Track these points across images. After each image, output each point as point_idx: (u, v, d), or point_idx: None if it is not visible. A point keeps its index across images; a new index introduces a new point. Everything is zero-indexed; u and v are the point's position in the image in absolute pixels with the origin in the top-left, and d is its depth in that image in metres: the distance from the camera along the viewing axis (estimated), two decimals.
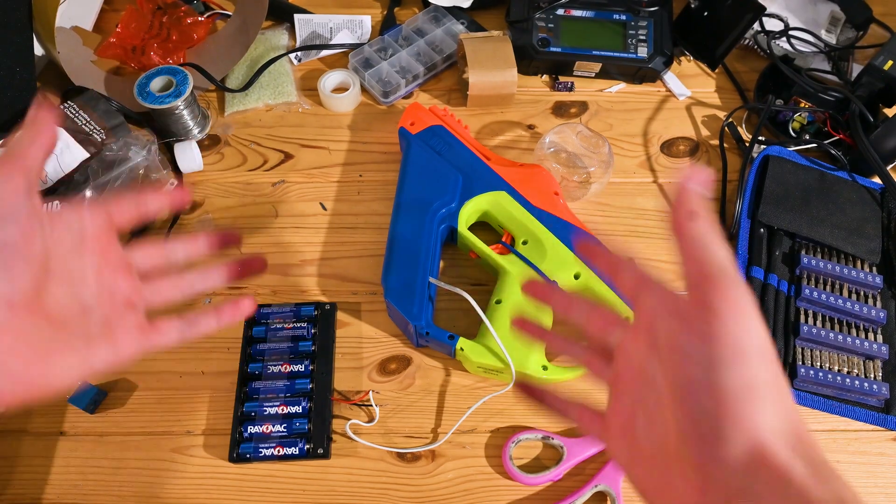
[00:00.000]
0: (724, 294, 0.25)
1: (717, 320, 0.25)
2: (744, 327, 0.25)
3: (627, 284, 0.32)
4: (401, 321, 0.56)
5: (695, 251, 0.27)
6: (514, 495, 0.52)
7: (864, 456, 0.54)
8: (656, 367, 0.28)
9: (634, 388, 0.30)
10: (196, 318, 0.38)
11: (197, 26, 0.75)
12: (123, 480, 0.52)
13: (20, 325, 0.29)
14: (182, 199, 0.39)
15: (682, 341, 0.26)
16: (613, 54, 0.72)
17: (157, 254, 0.38)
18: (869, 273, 0.60)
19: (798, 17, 0.77)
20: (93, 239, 0.34)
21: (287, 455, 0.51)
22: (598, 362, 0.34)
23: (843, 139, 0.67)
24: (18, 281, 0.29)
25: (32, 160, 0.31)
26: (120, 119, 0.62)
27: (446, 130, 0.62)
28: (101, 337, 0.33)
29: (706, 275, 0.26)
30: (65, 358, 0.32)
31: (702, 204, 0.27)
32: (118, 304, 0.35)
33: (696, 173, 0.27)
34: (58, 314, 0.32)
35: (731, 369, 0.24)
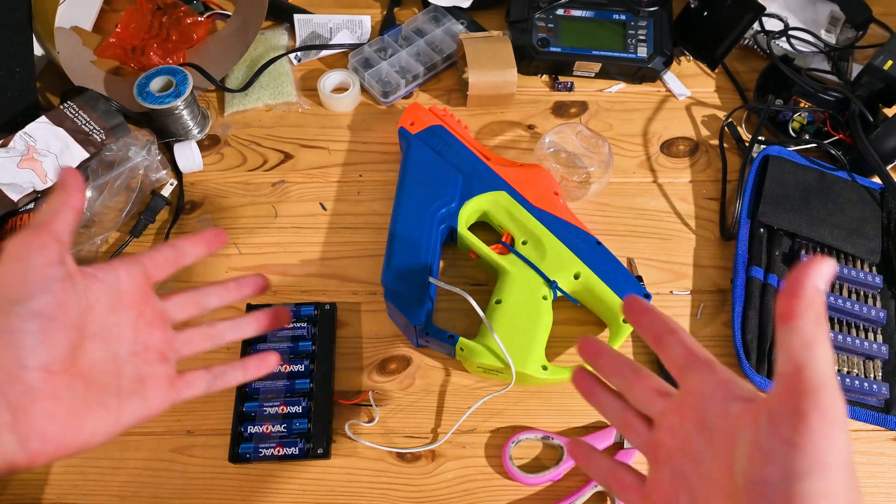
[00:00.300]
0: (819, 405, 0.25)
1: (807, 429, 0.24)
2: (832, 441, 0.25)
3: (674, 357, 0.32)
4: (401, 321, 0.56)
5: (796, 350, 0.26)
6: (514, 495, 0.52)
7: (864, 456, 0.54)
8: (705, 448, 0.29)
9: (678, 462, 0.30)
10: (223, 372, 0.38)
11: (197, 26, 0.75)
12: (123, 480, 0.52)
13: (57, 389, 0.30)
14: (218, 240, 0.39)
15: (763, 441, 0.26)
16: (613, 54, 0.72)
17: (192, 303, 0.38)
18: (869, 273, 0.60)
19: (798, 16, 0.77)
20: (129, 295, 0.35)
21: (287, 455, 0.51)
22: (636, 426, 0.34)
23: (842, 139, 0.67)
24: (55, 349, 0.30)
25: (63, 227, 0.32)
26: (120, 119, 0.62)
27: (446, 130, 0.62)
28: (133, 393, 0.34)
29: (804, 379, 0.25)
30: (98, 416, 0.32)
31: (818, 300, 0.26)
32: (151, 359, 0.35)
33: (819, 265, 0.26)
34: (92, 373, 0.32)
35: (812, 481, 0.24)
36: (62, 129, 0.60)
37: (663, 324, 0.33)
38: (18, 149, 0.58)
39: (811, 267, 0.26)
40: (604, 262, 0.56)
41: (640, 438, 0.34)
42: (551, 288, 0.55)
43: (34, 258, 0.30)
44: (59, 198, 0.32)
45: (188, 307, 0.38)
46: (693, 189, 0.67)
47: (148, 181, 0.63)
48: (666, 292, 0.61)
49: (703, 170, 0.69)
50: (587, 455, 0.37)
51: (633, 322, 0.34)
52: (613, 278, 0.55)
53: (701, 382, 0.30)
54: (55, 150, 0.59)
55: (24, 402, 0.29)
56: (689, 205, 0.66)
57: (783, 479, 0.25)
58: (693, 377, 0.30)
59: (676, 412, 0.31)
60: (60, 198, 0.32)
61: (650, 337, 0.33)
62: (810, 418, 0.25)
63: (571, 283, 0.56)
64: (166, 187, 0.64)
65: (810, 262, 0.26)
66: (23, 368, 0.29)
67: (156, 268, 0.36)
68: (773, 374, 0.55)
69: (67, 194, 0.32)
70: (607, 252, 0.56)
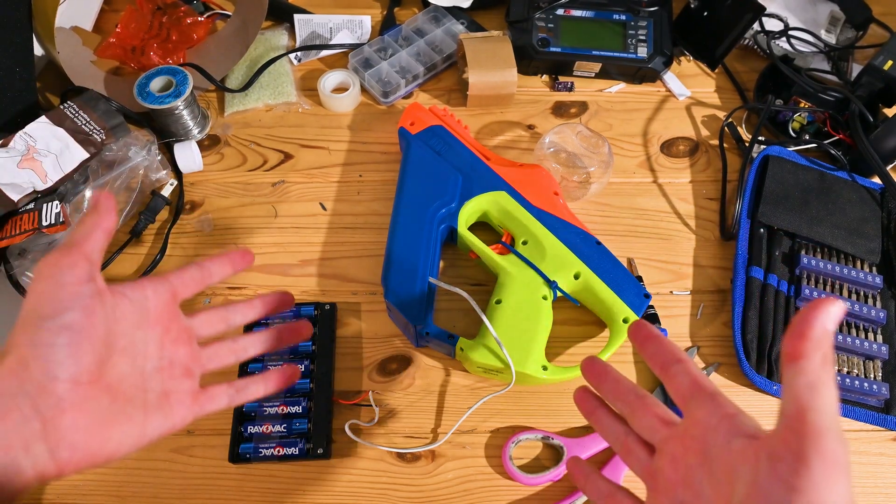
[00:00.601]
0: (822, 449, 0.25)
1: (808, 473, 0.24)
2: (832, 487, 0.24)
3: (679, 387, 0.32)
4: (401, 321, 0.56)
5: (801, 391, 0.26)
6: (514, 495, 0.52)
7: (864, 456, 0.54)
8: (705, 481, 0.29)
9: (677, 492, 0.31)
10: (245, 385, 0.40)
11: (197, 26, 0.75)
12: (123, 480, 0.52)
13: (84, 401, 0.31)
14: (245, 261, 0.41)
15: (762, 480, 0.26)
16: (613, 54, 0.72)
17: (218, 320, 0.40)
18: (869, 273, 0.60)
19: (798, 16, 0.77)
20: (156, 313, 0.36)
21: (287, 455, 0.51)
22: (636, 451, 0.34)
23: (842, 139, 0.67)
24: (83, 361, 0.31)
25: (93, 246, 0.33)
26: (120, 119, 0.62)
27: (446, 130, 0.62)
28: (158, 407, 0.35)
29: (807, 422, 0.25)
30: (124, 428, 0.33)
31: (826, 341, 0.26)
32: (176, 374, 0.36)
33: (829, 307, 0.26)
34: (119, 387, 0.33)
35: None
36: (62, 129, 0.60)
37: (670, 353, 0.33)
38: (18, 149, 0.58)
39: (820, 308, 0.26)
40: (604, 262, 0.56)
41: (640, 464, 0.34)
42: (551, 288, 0.55)
43: (65, 276, 0.31)
44: (91, 220, 0.34)
45: (215, 323, 0.40)
46: (693, 189, 0.67)
47: (148, 181, 0.63)
48: (666, 292, 0.61)
49: (703, 170, 0.69)
50: (586, 475, 0.38)
51: (639, 348, 0.35)
52: (613, 278, 0.55)
53: (706, 414, 0.30)
54: (55, 150, 0.59)
55: (53, 413, 0.30)
56: (689, 205, 0.66)
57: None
58: (698, 409, 0.31)
59: (679, 442, 0.31)
60: (93, 220, 0.34)
61: (656, 365, 0.34)
62: (812, 462, 0.24)
63: (571, 283, 0.56)
64: (166, 187, 0.64)
65: (820, 302, 0.26)
66: (53, 380, 0.30)
67: (183, 286, 0.38)
68: (772, 374, 0.56)
69: (100, 217, 0.34)
70: (607, 252, 0.56)
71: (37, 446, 0.29)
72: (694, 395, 0.31)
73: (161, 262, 0.62)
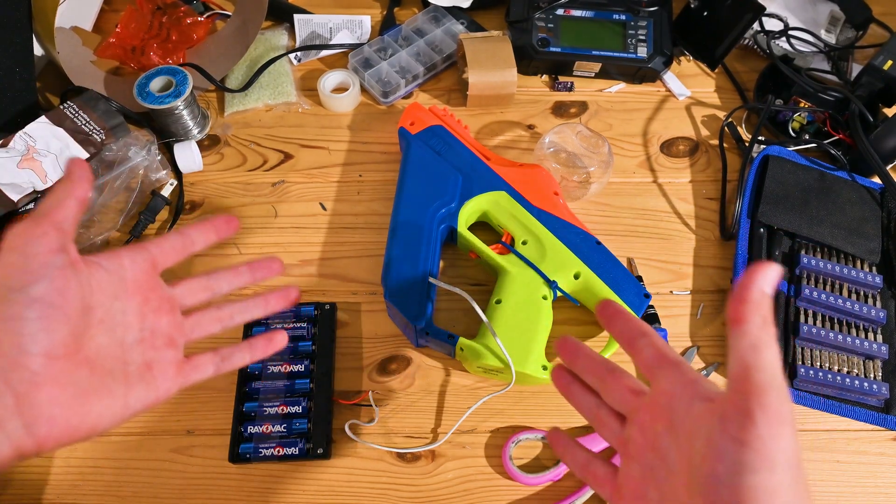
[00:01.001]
0: (765, 404, 0.26)
1: (753, 427, 0.26)
2: (778, 439, 0.26)
3: (645, 359, 0.33)
4: (401, 321, 0.56)
5: (745, 352, 0.27)
6: (514, 495, 0.52)
7: (864, 456, 0.54)
8: (671, 445, 0.30)
9: (646, 458, 0.32)
10: (230, 353, 0.39)
11: (197, 26, 0.75)
12: (123, 480, 0.52)
13: (60, 374, 0.30)
14: (229, 227, 0.39)
15: (715, 438, 0.27)
16: (613, 54, 0.72)
17: (202, 288, 0.39)
18: (869, 273, 0.60)
19: (798, 16, 0.77)
20: (134, 283, 0.35)
21: (287, 455, 0.51)
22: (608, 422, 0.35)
23: (842, 139, 0.67)
24: (56, 334, 0.30)
25: (65, 215, 0.32)
26: (119, 119, 0.62)
27: (446, 130, 0.62)
28: (140, 378, 0.34)
29: (751, 380, 0.27)
30: (104, 401, 0.32)
31: (765, 303, 0.28)
32: (159, 345, 0.36)
33: (764, 270, 0.28)
34: (98, 359, 0.33)
35: (757, 476, 0.25)
36: (62, 129, 0.60)
37: (636, 327, 0.34)
38: (18, 149, 0.58)
39: (757, 272, 0.28)
40: (604, 262, 0.56)
41: (612, 434, 0.35)
42: (551, 288, 0.55)
43: (34, 246, 0.30)
44: (63, 188, 0.32)
45: (198, 292, 0.39)
46: (693, 189, 0.67)
47: (148, 181, 0.63)
48: (666, 292, 0.61)
49: (703, 170, 0.69)
50: (565, 445, 0.39)
51: (607, 325, 0.36)
52: (613, 278, 0.55)
53: (669, 382, 0.31)
54: (55, 150, 0.59)
55: (27, 388, 0.29)
56: (689, 205, 0.66)
57: (731, 475, 0.26)
58: (663, 377, 0.32)
59: (647, 410, 0.33)
60: (65, 188, 0.32)
61: (623, 340, 0.35)
62: (757, 417, 0.26)
63: (571, 283, 0.56)
64: (166, 187, 0.64)
65: (756, 266, 0.28)
66: (25, 354, 0.29)
67: (163, 255, 0.37)
68: None
69: (73, 184, 0.32)
70: (607, 252, 0.56)
71: (11, 422, 0.29)
72: (659, 365, 0.32)
73: None
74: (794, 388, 0.55)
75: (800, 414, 0.55)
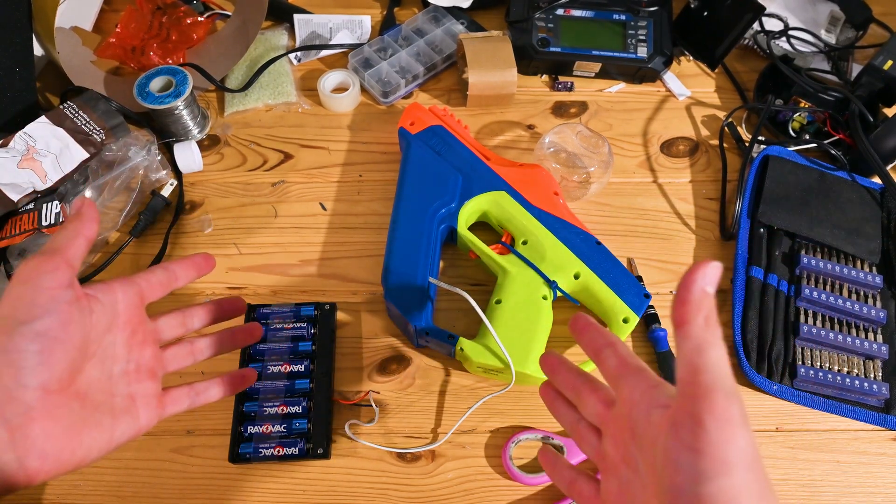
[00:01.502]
0: (713, 408, 0.25)
1: (704, 433, 0.25)
2: (730, 441, 0.25)
3: (610, 368, 0.33)
4: (401, 321, 0.56)
5: (690, 354, 0.27)
6: (514, 495, 0.52)
7: (864, 456, 0.54)
8: (639, 457, 0.30)
9: (621, 471, 0.31)
10: (205, 388, 0.40)
11: (196, 26, 0.75)
12: (123, 480, 0.52)
13: (55, 409, 0.31)
14: (207, 265, 0.41)
15: (670, 448, 0.27)
16: (613, 54, 0.72)
17: (178, 324, 0.40)
18: (869, 273, 0.60)
19: (798, 16, 0.77)
20: (124, 316, 0.36)
21: (287, 455, 0.51)
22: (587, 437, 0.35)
23: (842, 139, 0.67)
24: (56, 368, 0.31)
25: (75, 253, 0.33)
26: (119, 119, 0.62)
27: (446, 130, 0.62)
28: (125, 411, 0.35)
29: (697, 384, 0.26)
30: (93, 434, 0.33)
31: (706, 303, 0.27)
32: (142, 377, 0.37)
33: (704, 269, 0.27)
34: (89, 392, 0.33)
35: (716, 482, 0.25)
36: (62, 129, 0.60)
37: (602, 337, 0.34)
38: (18, 149, 0.58)
39: (697, 271, 0.27)
40: (604, 262, 0.56)
41: (591, 449, 0.35)
42: (551, 288, 0.55)
43: (44, 280, 0.31)
44: (74, 226, 0.33)
45: (175, 327, 0.40)
46: (693, 189, 0.67)
47: (148, 181, 0.63)
48: (666, 292, 0.61)
49: (703, 170, 0.69)
50: (552, 463, 0.39)
51: (577, 338, 0.36)
52: (613, 278, 0.55)
53: (630, 391, 0.31)
54: (55, 150, 0.59)
55: (21, 421, 0.29)
56: (689, 205, 0.66)
57: (690, 485, 0.25)
58: (625, 386, 0.31)
59: (615, 422, 0.32)
60: (75, 226, 0.33)
61: (590, 351, 0.35)
62: (706, 422, 0.25)
63: (571, 283, 0.56)
64: (166, 187, 0.64)
65: (697, 266, 0.27)
66: (22, 388, 0.29)
67: (150, 289, 0.38)
68: (772, 374, 0.56)
69: (82, 224, 0.34)
70: (607, 252, 0.56)
71: (5, 455, 0.29)
72: (621, 373, 0.32)
73: (160, 262, 0.62)
74: (794, 388, 0.55)
75: (800, 414, 0.55)
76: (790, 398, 0.55)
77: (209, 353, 0.41)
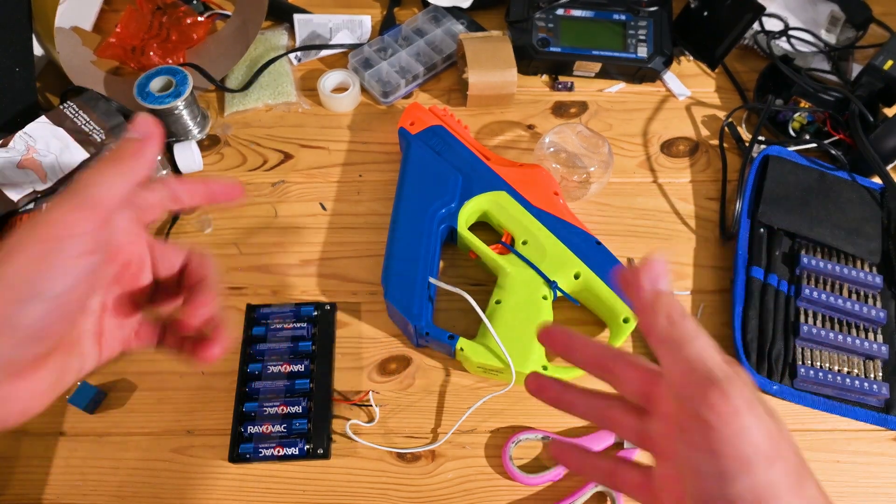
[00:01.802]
0: (711, 403, 0.24)
1: (714, 433, 0.24)
2: (741, 434, 0.24)
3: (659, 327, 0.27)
4: (401, 321, 0.56)
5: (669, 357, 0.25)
6: (514, 495, 0.52)
7: (864, 456, 0.54)
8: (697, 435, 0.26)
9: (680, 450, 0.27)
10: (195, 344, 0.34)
11: (196, 26, 0.75)
12: (123, 480, 0.52)
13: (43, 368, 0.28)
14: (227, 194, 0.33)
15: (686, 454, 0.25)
16: (613, 54, 0.72)
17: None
18: (869, 273, 0.60)
19: (798, 16, 0.77)
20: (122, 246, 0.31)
21: (287, 455, 0.51)
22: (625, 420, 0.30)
23: (842, 139, 0.67)
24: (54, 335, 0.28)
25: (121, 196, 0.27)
26: (120, 119, 0.62)
27: (446, 130, 0.62)
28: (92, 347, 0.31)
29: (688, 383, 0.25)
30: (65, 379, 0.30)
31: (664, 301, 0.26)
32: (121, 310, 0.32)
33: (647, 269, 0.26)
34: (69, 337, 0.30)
35: (740, 482, 0.24)
36: (62, 129, 0.60)
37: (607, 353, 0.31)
38: (18, 149, 0.58)
39: (640, 274, 0.26)
40: (604, 262, 0.56)
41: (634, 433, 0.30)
42: (551, 288, 0.55)
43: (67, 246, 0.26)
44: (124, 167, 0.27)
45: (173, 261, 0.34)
46: (693, 189, 0.67)
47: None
48: None
49: (703, 170, 0.69)
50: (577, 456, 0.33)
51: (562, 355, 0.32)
52: None
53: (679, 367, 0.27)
54: (55, 150, 0.59)
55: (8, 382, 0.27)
56: (689, 205, 0.66)
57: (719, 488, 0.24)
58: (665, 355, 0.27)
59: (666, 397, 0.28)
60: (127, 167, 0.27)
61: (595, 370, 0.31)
62: (711, 421, 0.24)
63: (571, 283, 0.56)
64: None
65: (637, 270, 0.26)
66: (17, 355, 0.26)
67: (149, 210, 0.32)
68: (772, 374, 0.55)
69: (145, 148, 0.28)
70: (607, 252, 0.56)
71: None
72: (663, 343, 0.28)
73: None
74: (794, 388, 0.55)
75: (800, 414, 0.55)
76: (790, 398, 0.55)
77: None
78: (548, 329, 0.32)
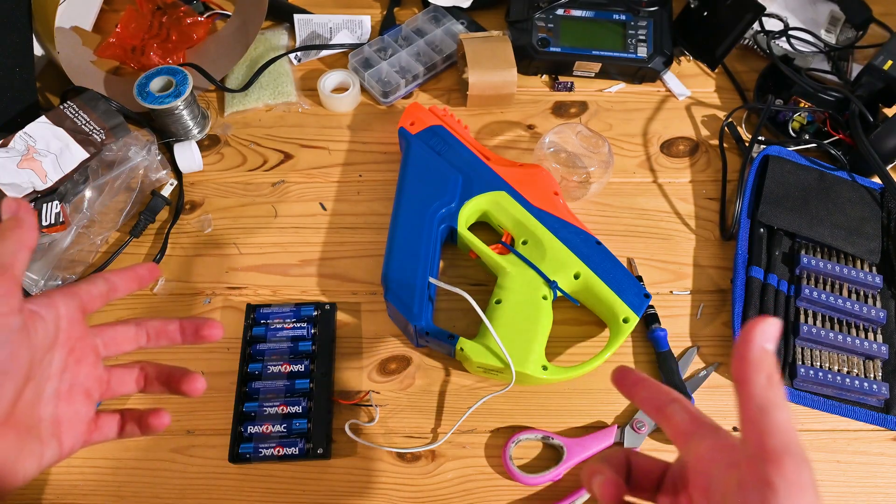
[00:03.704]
0: (783, 470, 0.25)
1: (775, 497, 0.24)
2: None
3: (680, 424, 0.31)
4: (401, 321, 0.56)
5: (754, 415, 0.26)
6: (514, 495, 0.52)
7: (864, 456, 0.54)
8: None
9: None
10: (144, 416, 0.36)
11: (197, 26, 0.75)
12: (123, 480, 0.52)
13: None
14: (150, 275, 0.38)
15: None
16: (613, 54, 0.72)
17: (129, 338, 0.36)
18: (869, 273, 0.60)
19: (798, 16, 0.77)
20: (65, 332, 0.33)
21: (287, 455, 0.51)
22: None
23: (842, 139, 0.67)
24: (2, 404, 0.28)
25: (21, 267, 0.29)
26: (119, 119, 0.62)
27: (446, 130, 0.62)
28: (51, 436, 0.32)
29: (766, 448, 0.25)
30: (25, 464, 0.30)
31: (767, 361, 0.26)
32: (74, 398, 0.33)
33: (762, 326, 0.26)
34: (24, 420, 0.31)
35: None
36: (62, 129, 0.60)
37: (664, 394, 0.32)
38: (18, 149, 0.58)
39: (755, 329, 0.26)
40: (604, 262, 0.56)
41: None
42: (551, 288, 0.55)
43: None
44: (16, 236, 0.29)
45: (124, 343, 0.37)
46: (693, 189, 0.67)
47: (148, 181, 0.63)
48: (666, 292, 0.61)
49: (703, 170, 0.69)
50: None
51: (627, 393, 0.33)
52: (613, 278, 0.55)
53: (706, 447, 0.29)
54: (55, 150, 0.59)
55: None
56: (689, 205, 0.66)
57: None
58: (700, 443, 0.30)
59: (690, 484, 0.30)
60: (18, 236, 0.29)
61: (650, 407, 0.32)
62: (777, 485, 0.24)
63: (571, 283, 0.56)
64: (166, 187, 0.64)
65: (754, 323, 0.26)
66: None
67: (91, 301, 0.35)
68: None
69: (24, 232, 0.29)
70: (607, 252, 0.56)
71: None
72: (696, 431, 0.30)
73: (161, 262, 0.62)
74: (794, 388, 0.55)
75: (800, 414, 0.55)
76: (790, 398, 0.55)
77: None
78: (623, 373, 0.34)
